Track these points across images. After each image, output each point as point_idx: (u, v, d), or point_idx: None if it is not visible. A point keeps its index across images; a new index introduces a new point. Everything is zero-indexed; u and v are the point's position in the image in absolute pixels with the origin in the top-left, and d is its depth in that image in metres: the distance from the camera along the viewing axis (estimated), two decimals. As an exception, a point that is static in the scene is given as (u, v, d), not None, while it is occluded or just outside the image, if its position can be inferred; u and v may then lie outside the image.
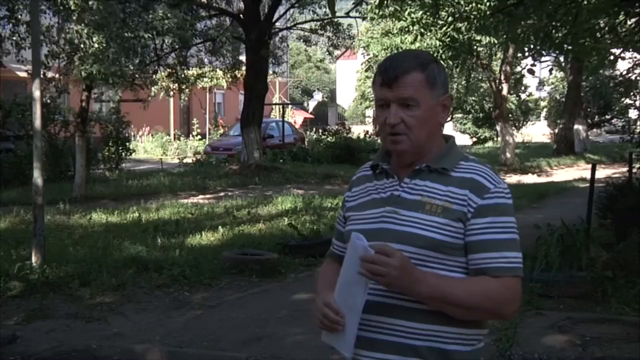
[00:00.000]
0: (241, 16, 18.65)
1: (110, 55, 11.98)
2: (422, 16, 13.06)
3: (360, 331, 1.83)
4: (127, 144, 19.00)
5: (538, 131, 35.28)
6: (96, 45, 11.72)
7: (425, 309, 1.81)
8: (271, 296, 6.82)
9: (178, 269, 7.34)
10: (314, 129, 32.16)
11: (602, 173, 15.63)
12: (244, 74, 19.44)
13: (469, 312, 1.81)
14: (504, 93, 21.47)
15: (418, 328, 1.82)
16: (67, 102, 19.19)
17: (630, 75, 25.44)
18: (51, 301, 6.38)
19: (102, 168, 17.73)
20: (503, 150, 21.65)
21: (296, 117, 37.79)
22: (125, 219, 10.94)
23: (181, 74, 18.50)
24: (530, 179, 19.05)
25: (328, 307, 1.83)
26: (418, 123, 1.86)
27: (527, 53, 13.51)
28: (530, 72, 11.87)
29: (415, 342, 1.82)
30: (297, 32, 22.73)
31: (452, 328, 1.82)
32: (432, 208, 1.84)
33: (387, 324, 1.84)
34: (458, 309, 1.79)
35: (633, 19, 9.13)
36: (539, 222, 7.93)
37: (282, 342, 5.37)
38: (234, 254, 7.93)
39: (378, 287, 1.80)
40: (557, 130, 26.72)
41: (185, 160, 22.06)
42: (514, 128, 27.88)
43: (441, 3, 10.94)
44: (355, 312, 1.81)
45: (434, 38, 14.28)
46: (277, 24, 20.52)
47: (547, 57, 20.50)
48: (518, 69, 25.42)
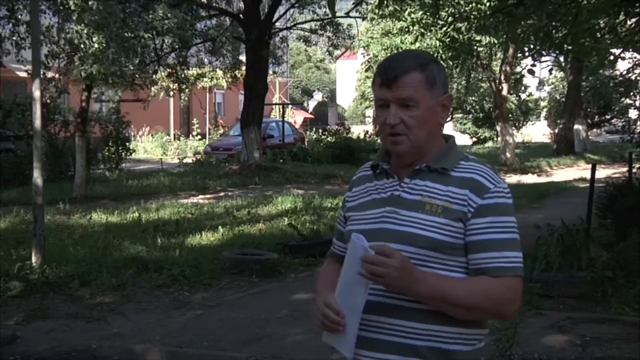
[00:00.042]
0: (241, 16, 18.65)
1: (110, 55, 11.97)
2: (422, 16, 13.07)
3: (361, 331, 1.83)
4: (127, 144, 19.01)
5: (538, 131, 35.28)
6: (96, 45, 11.71)
7: (425, 309, 1.81)
8: (271, 296, 6.82)
9: (178, 269, 7.34)
10: (314, 129, 32.15)
11: (602, 173, 15.63)
12: (244, 74, 19.44)
13: (469, 312, 1.81)
14: (504, 93, 21.47)
15: (418, 328, 1.82)
16: (67, 102, 19.20)
17: (630, 75, 25.47)
18: (51, 301, 6.38)
19: (102, 168, 17.73)
20: (503, 150, 21.65)
21: (296, 117, 37.78)
22: (125, 219, 10.94)
23: (181, 74, 18.50)
24: (530, 179, 19.05)
25: (329, 307, 1.83)
26: (417, 123, 1.86)
27: (527, 53, 13.51)
28: (531, 72, 11.88)
29: (415, 342, 1.82)
30: (297, 32, 22.72)
31: (452, 328, 1.82)
32: (432, 208, 1.84)
33: (388, 324, 1.84)
34: (458, 309, 1.79)
35: (633, 19, 9.13)
36: (539, 222, 7.93)
37: (282, 342, 5.37)
38: (234, 254, 7.93)
39: (378, 287, 1.80)
40: (557, 130, 26.72)
41: (185, 160, 22.06)
42: (514, 128, 27.87)
43: (441, 3, 10.94)
44: (356, 313, 1.81)
45: (434, 38, 14.28)
46: (277, 24, 20.52)
47: (547, 57, 20.52)
48: (518, 69, 25.41)
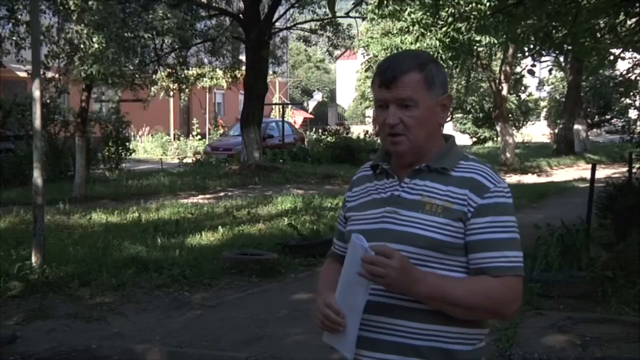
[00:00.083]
0: (241, 16, 18.65)
1: (110, 56, 11.96)
2: (422, 16, 13.07)
3: (361, 331, 1.83)
4: (127, 144, 19.02)
5: (538, 131, 35.28)
6: (96, 46, 11.71)
7: (425, 308, 1.81)
8: (271, 296, 6.82)
9: (178, 269, 7.34)
10: (314, 129, 32.16)
11: (602, 173, 15.63)
12: (243, 74, 19.44)
13: (470, 312, 1.81)
14: (504, 93, 21.47)
15: (419, 328, 1.82)
16: (67, 102, 19.21)
17: (630, 75, 25.49)
18: (51, 301, 6.38)
19: (102, 168, 17.74)
20: (503, 150, 21.65)
21: (296, 117, 37.78)
22: (125, 219, 10.94)
23: (181, 74, 18.50)
24: (530, 179, 19.05)
25: (329, 307, 1.83)
26: (417, 123, 1.86)
27: (527, 53, 13.53)
28: (531, 72, 11.89)
29: (416, 342, 1.82)
30: (297, 32, 22.72)
31: (453, 328, 1.82)
32: (432, 208, 1.84)
33: (388, 324, 1.83)
34: (458, 309, 1.79)
35: (633, 19, 9.13)
36: (539, 222, 7.94)
37: (282, 342, 5.37)
38: (234, 254, 7.93)
39: (378, 287, 1.80)
40: (557, 130, 26.73)
41: (185, 160, 22.07)
42: (514, 128, 27.89)
43: (441, 3, 10.94)
44: (356, 313, 1.81)
45: (434, 38, 14.28)
46: (277, 24, 20.52)
47: (547, 57, 20.55)
48: (518, 69, 25.42)
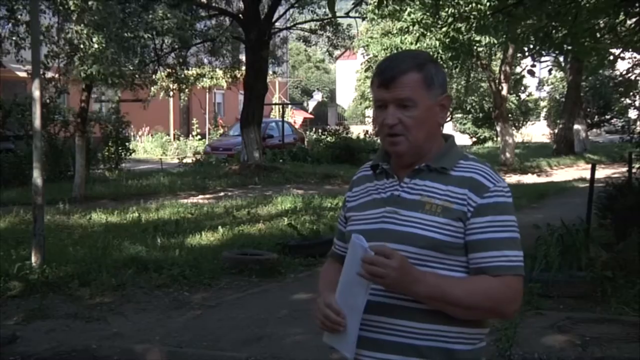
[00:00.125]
0: (241, 16, 18.64)
1: (109, 56, 11.96)
2: (422, 17, 13.08)
3: (362, 331, 1.83)
4: (127, 144, 19.01)
5: (538, 131, 35.28)
6: (96, 46, 11.71)
7: (426, 308, 1.81)
8: (271, 296, 6.82)
9: (178, 269, 7.34)
10: (314, 129, 32.15)
11: (601, 173, 15.63)
12: (243, 74, 19.44)
13: (470, 312, 1.81)
14: (504, 93, 21.46)
15: (419, 328, 1.82)
16: (67, 102, 19.21)
17: (630, 75, 25.49)
18: (51, 301, 6.38)
19: (101, 168, 17.73)
20: (503, 150, 21.65)
21: (296, 117, 37.77)
22: (125, 219, 10.94)
23: (181, 74, 18.51)
24: (530, 179, 19.04)
25: (329, 308, 1.83)
26: (416, 123, 1.86)
27: (527, 53, 13.52)
28: (531, 73, 11.86)
29: (416, 342, 1.82)
30: (297, 32, 22.72)
31: (453, 327, 1.82)
32: (432, 208, 1.84)
33: (388, 324, 1.83)
34: (458, 309, 1.79)
35: (633, 19, 9.13)
36: (539, 222, 7.93)
37: (282, 342, 5.36)
38: (234, 254, 7.92)
39: (378, 287, 1.80)
40: (556, 130, 26.72)
41: (185, 160, 22.07)
42: (513, 128, 27.88)
43: (441, 3, 10.94)
44: (357, 313, 1.81)
45: (434, 38, 14.29)
46: (277, 24, 20.51)
47: (547, 57, 20.54)
48: (518, 69, 25.42)
